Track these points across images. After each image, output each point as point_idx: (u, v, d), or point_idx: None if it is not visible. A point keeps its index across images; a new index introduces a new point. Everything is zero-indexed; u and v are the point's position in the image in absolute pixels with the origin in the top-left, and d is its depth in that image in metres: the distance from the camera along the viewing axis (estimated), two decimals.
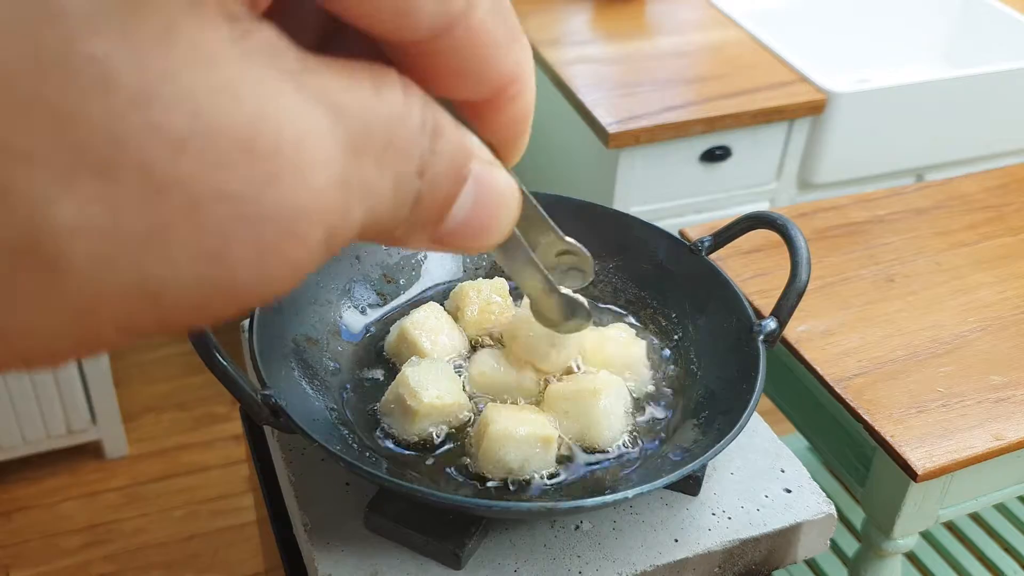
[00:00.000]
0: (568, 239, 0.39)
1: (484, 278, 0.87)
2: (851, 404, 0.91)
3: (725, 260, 1.09)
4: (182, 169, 0.15)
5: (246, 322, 0.88)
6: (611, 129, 1.64)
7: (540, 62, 1.87)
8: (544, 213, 0.35)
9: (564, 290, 0.38)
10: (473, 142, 0.22)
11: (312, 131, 0.17)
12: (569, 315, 0.42)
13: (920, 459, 0.86)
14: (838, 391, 0.92)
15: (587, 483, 0.72)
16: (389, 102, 0.19)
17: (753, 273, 1.10)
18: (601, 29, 2.01)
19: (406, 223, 0.20)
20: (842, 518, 1.49)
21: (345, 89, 0.18)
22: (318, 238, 0.17)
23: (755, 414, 0.78)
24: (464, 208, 0.21)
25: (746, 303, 0.80)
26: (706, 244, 0.85)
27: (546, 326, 0.42)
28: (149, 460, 1.89)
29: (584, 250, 0.40)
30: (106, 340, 0.16)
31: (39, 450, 1.77)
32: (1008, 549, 1.51)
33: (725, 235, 0.85)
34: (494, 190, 0.22)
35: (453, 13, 0.20)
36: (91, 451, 1.87)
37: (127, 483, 1.84)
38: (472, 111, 0.23)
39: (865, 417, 0.89)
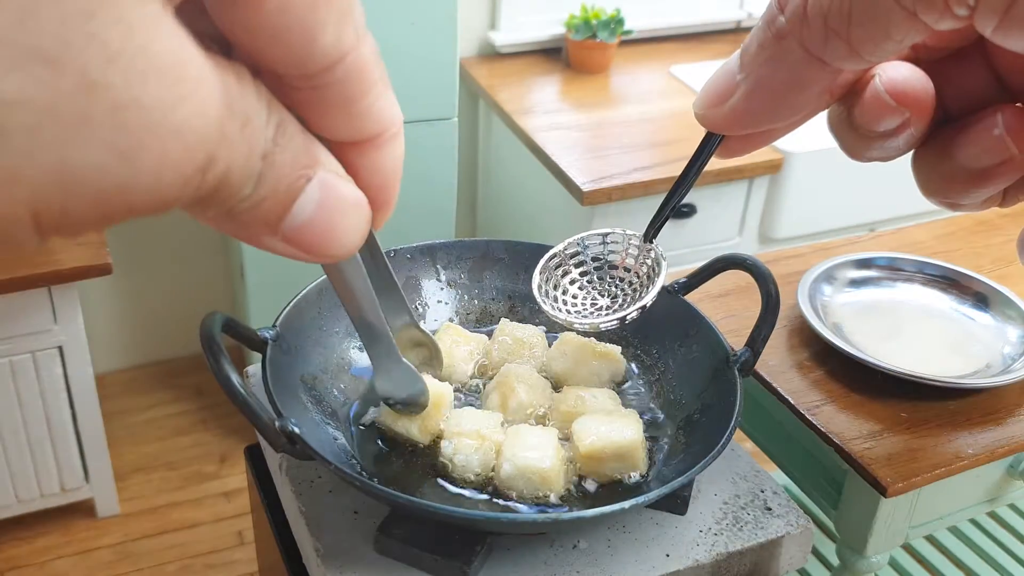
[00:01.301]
0: (423, 329, 0.43)
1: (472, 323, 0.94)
2: (822, 429, 0.98)
3: (697, 304, 1.17)
4: (111, 76, 0.18)
5: (251, 367, 0.94)
6: (585, 188, 1.73)
7: (515, 129, 1.97)
8: (406, 300, 0.38)
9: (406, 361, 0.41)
10: (321, 153, 0.24)
11: (208, 79, 0.20)
12: (407, 388, 0.42)
13: (888, 476, 0.93)
14: (809, 418, 1.00)
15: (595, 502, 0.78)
16: (247, 91, 0.22)
17: (724, 315, 1.18)
18: (570, 99, 2.12)
19: (250, 202, 0.22)
20: (829, 534, 1.55)
21: (220, 68, 0.21)
22: (201, 161, 0.20)
23: (736, 442, 0.84)
24: (308, 207, 0.24)
25: (722, 337, 0.87)
26: (681, 284, 0.93)
27: (383, 396, 0.43)
28: (140, 518, 1.92)
29: (436, 343, 0.43)
30: (14, 218, 0.18)
31: (31, 509, 1.79)
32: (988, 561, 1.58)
33: (699, 276, 0.92)
34: (340, 197, 0.24)
35: (346, 45, 0.22)
36: (83, 510, 1.89)
37: (119, 540, 1.86)
38: (350, 154, 0.26)
39: (836, 440, 0.96)
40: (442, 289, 0.97)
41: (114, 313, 2.23)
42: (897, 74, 0.28)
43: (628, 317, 0.62)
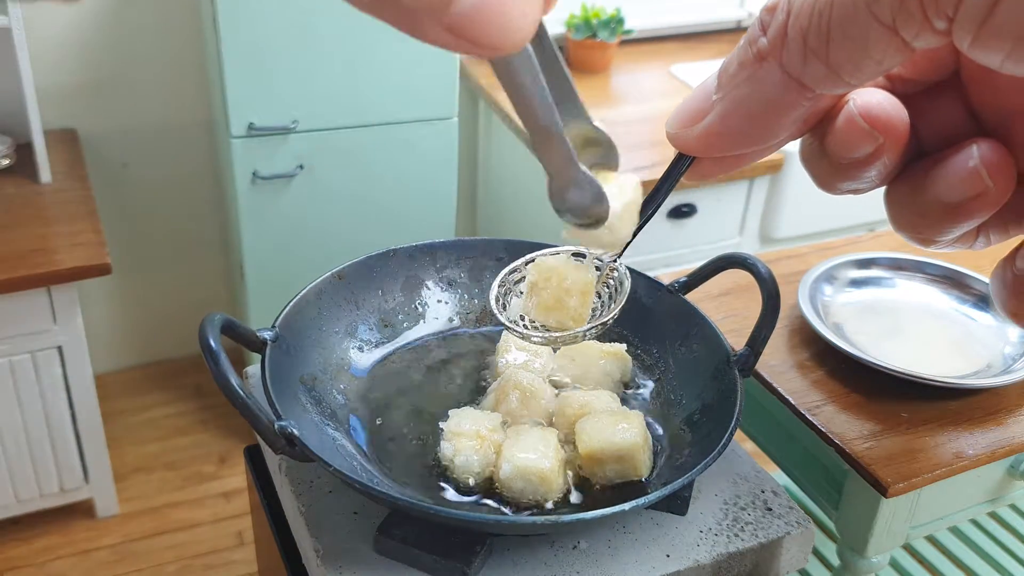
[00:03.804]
0: (597, 125, 0.38)
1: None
2: (822, 430, 0.98)
3: (697, 304, 1.17)
4: None
5: (251, 368, 0.94)
6: None
7: (515, 129, 1.96)
8: (579, 97, 0.35)
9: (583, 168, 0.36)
10: None
11: None
12: (581, 188, 0.38)
13: (889, 476, 0.93)
14: (809, 418, 0.99)
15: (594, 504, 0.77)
16: None
17: (724, 314, 1.17)
18: None
19: None
20: (829, 534, 1.55)
21: None
22: None
23: (737, 443, 0.85)
24: None
25: (722, 337, 0.87)
26: (681, 284, 0.93)
27: (555, 206, 0.40)
28: (139, 518, 1.92)
29: (611, 139, 0.39)
30: None
31: (31, 509, 1.79)
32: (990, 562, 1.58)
33: (699, 275, 0.92)
34: None
35: None
36: (82, 510, 1.89)
37: (118, 541, 1.86)
38: None
39: (836, 440, 0.96)
40: (442, 289, 0.97)
41: (113, 313, 2.22)
42: (872, 99, 0.28)
43: (587, 334, 0.61)
